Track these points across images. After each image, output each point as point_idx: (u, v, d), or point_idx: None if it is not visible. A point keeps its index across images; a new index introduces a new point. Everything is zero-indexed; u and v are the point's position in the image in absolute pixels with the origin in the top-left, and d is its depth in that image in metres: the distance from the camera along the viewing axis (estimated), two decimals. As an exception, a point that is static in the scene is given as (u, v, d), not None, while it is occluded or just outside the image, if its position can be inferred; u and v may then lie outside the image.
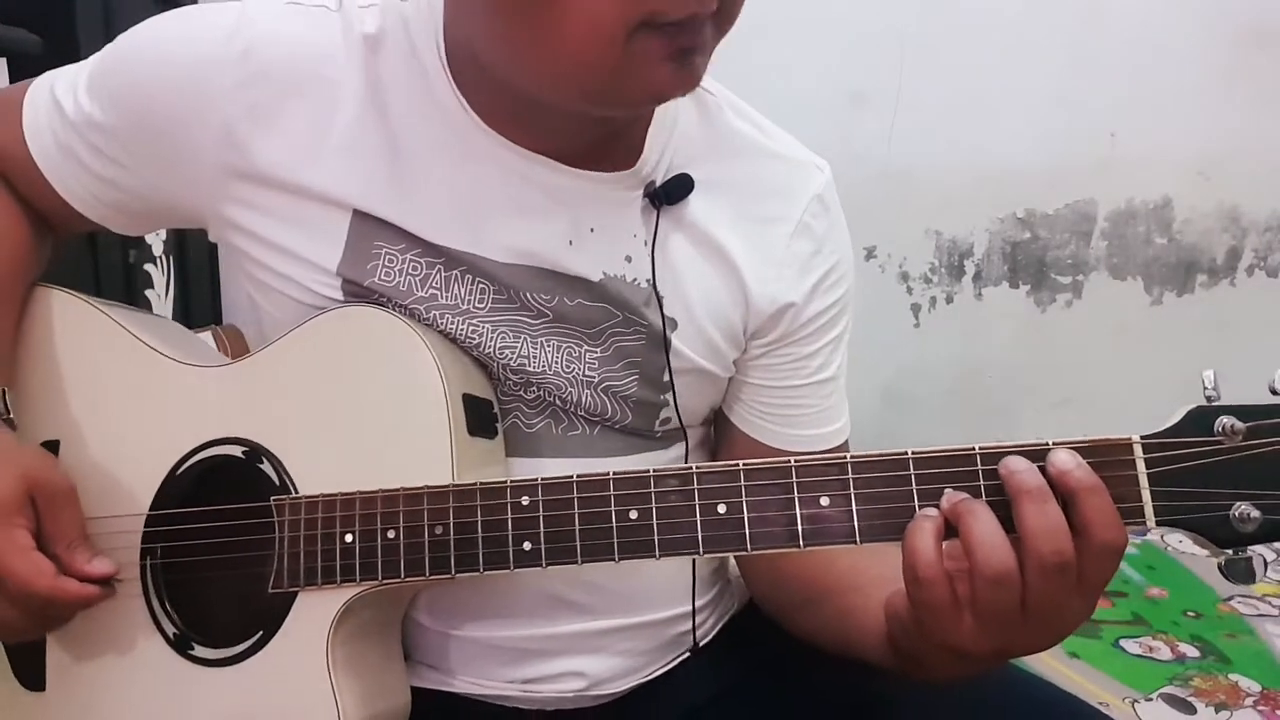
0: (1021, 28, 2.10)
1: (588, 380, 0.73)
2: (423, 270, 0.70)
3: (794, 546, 0.58)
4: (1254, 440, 0.53)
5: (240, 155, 0.69)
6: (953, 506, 0.55)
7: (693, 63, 0.60)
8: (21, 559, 0.65)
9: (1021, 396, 2.24)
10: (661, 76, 0.60)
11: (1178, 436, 0.55)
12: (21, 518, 0.66)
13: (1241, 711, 1.52)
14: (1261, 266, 2.23)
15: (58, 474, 0.69)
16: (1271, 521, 0.53)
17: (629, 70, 0.59)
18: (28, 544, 0.66)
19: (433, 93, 0.69)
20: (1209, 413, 0.54)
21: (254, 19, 0.70)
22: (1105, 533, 0.53)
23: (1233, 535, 0.54)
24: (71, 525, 0.68)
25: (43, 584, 0.65)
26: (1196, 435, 0.54)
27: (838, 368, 0.80)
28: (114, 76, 0.72)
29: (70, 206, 0.75)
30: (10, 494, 0.66)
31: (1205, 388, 0.55)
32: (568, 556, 0.61)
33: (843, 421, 0.81)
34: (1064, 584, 0.54)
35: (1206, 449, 0.54)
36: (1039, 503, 0.53)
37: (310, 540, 0.66)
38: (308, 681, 0.65)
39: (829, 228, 0.77)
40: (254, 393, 0.71)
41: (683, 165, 0.73)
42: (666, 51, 0.59)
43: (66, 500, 0.68)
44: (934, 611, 0.55)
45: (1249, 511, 0.53)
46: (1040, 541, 0.53)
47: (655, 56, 0.59)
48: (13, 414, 0.72)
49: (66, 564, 0.67)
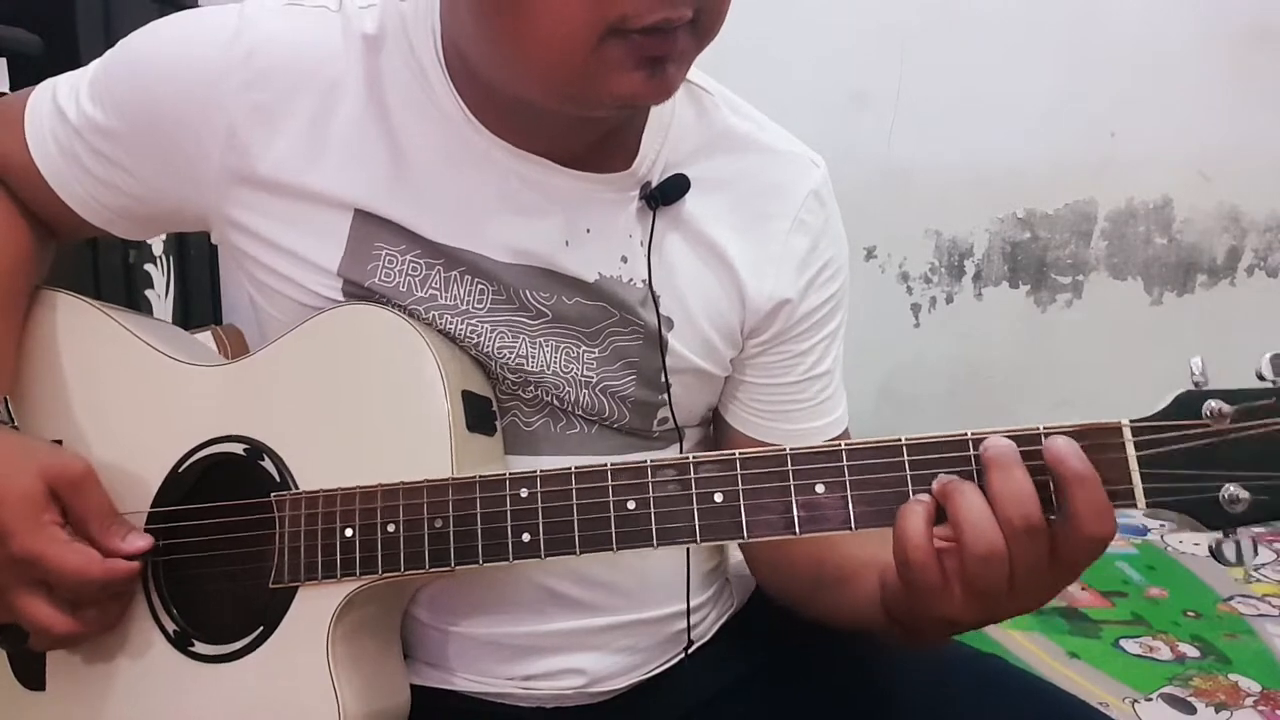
0: (1021, 27, 2.11)
1: (586, 380, 0.73)
2: (422, 271, 0.71)
3: (790, 534, 0.59)
4: (1241, 423, 0.54)
5: (243, 157, 0.69)
6: (942, 487, 0.56)
7: (665, 72, 0.60)
8: (68, 552, 0.66)
9: (1021, 396, 2.24)
10: (631, 83, 0.60)
11: (1167, 420, 0.55)
12: (50, 513, 0.66)
13: (1241, 711, 1.52)
14: (1261, 266, 2.23)
15: (70, 458, 0.69)
16: (1260, 502, 0.54)
17: (598, 75, 0.59)
18: (66, 537, 0.66)
19: (431, 93, 0.69)
20: (1197, 397, 0.55)
21: (255, 20, 0.70)
22: (1092, 525, 0.54)
23: (1223, 516, 0.55)
24: (99, 505, 0.69)
25: (96, 571, 0.66)
26: (1185, 419, 0.55)
27: (833, 361, 0.80)
28: (117, 81, 0.72)
29: (74, 212, 0.75)
30: (33, 491, 0.66)
31: (1193, 373, 0.56)
32: (566, 547, 0.62)
33: (839, 414, 0.81)
34: (1037, 550, 0.54)
35: (1195, 432, 0.55)
36: (1004, 469, 0.55)
37: (310, 535, 0.66)
38: (308, 677, 0.65)
39: (825, 223, 0.78)
40: (255, 391, 0.71)
41: (679, 164, 0.73)
42: (635, 59, 0.59)
43: (86, 482, 0.68)
44: (926, 590, 0.56)
45: (1238, 493, 0.54)
46: (1007, 507, 0.54)
47: (624, 63, 0.59)
48: (17, 421, 0.73)
49: (103, 545, 0.68)
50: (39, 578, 0.66)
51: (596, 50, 0.58)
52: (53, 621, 0.66)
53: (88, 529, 0.68)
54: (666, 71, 0.60)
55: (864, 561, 0.69)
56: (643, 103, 0.62)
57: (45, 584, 0.66)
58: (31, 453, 0.69)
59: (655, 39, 0.58)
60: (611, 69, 0.59)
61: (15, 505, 0.65)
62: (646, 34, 0.57)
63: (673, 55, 0.60)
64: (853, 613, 0.70)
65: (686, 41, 0.60)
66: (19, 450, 0.69)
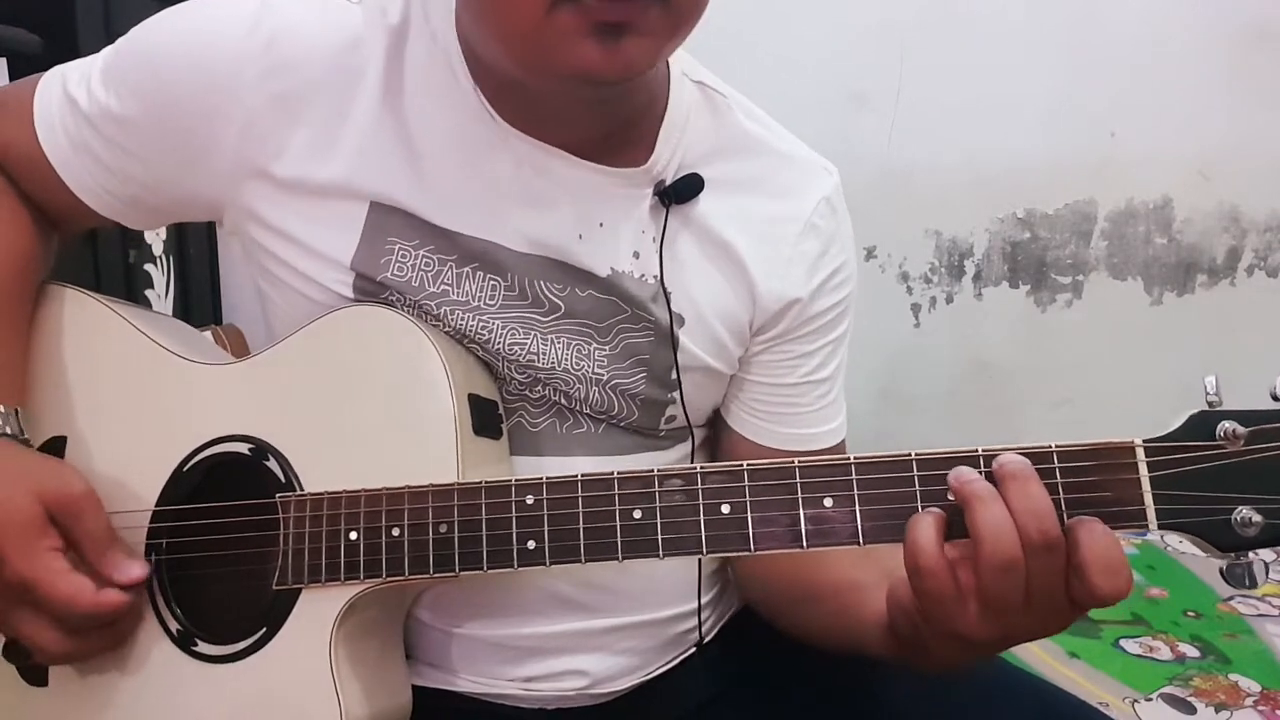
0: (1021, 27, 2.10)
1: (596, 378, 0.73)
2: (435, 266, 0.71)
3: (797, 547, 0.59)
4: (1256, 445, 0.54)
5: (261, 147, 0.69)
6: (961, 488, 0.55)
7: (620, 44, 0.60)
8: (60, 580, 0.64)
9: (1021, 396, 2.24)
10: (585, 53, 0.59)
11: (1180, 440, 0.55)
12: (47, 539, 0.65)
13: (1241, 711, 1.52)
14: (1261, 266, 2.23)
15: (72, 480, 0.67)
16: (1273, 525, 0.53)
17: (554, 43, 0.59)
18: (62, 566, 0.65)
19: (454, 80, 0.69)
20: (1211, 417, 0.55)
21: (276, 8, 0.69)
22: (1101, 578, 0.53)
23: (1235, 539, 0.54)
24: (97, 531, 0.67)
25: (85, 601, 0.64)
26: (1198, 440, 0.55)
27: (835, 368, 0.80)
28: (133, 68, 0.71)
29: (82, 203, 0.74)
30: (30, 516, 0.65)
31: (1207, 393, 0.55)
32: (571, 555, 0.62)
33: (838, 422, 0.81)
34: (1053, 566, 0.54)
35: (1208, 453, 0.54)
36: (1021, 483, 0.54)
37: (315, 537, 0.66)
38: (310, 678, 0.65)
39: (836, 230, 0.78)
40: (261, 391, 0.71)
41: (693, 164, 0.74)
42: (585, 26, 0.59)
43: (86, 507, 0.67)
44: (938, 601, 0.56)
45: (1251, 516, 0.54)
46: (1025, 520, 0.53)
47: (576, 30, 0.59)
48: (27, 434, 0.71)
49: (99, 572, 0.66)
50: (35, 602, 0.65)
51: (550, 16, 0.58)
52: (50, 643, 0.66)
53: (85, 553, 0.66)
54: (622, 43, 0.60)
55: (861, 582, 0.69)
56: (600, 76, 0.61)
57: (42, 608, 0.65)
58: (31, 473, 0.67)
59: (605, 3, 0.58)
60: (565, 37, 0.59)
61: (12, 529, 0.64)
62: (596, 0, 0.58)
63: (630, 26, 0.59)
64: (846, 631, 0.70)
65: (655, 18, 0.60)
66: (19, 470, 0.67)
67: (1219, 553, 0.55)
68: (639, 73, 0.62)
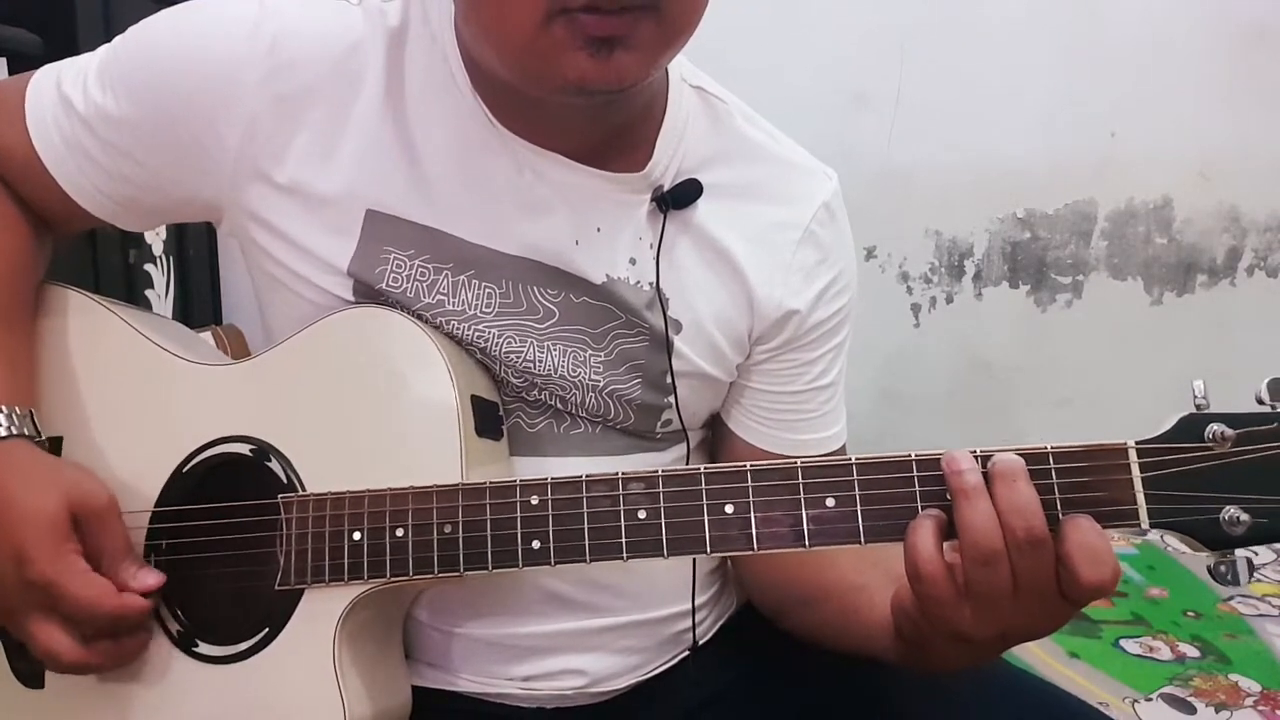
0: (1021, 28, 2.10)
1: (592, 384, 0.73)
2: (430, 275, 0.71)
3: (800, 546, 0.59)
4: (1243, 447, 0.55)
5: (263, 150, 0.69)
6: (952, 478, 0.56)
7: (612, 55, 0.60)
8: (84, 583, 0.64)
9: (1021, 396, 2.24)
10: (578, 65, 0.60)
11: (1171, 442, 0.56)
12: (71, 542, 0.65)
13: (1241, 711, 1.52)
14: (1261, 266, 2.23)
15: (97, 488, 0.67)
16: (1260, 524, 0.55)
17: (549, 55, 0.60)
18: (84, 568, 0.65)
19: (453, 84, 0.69)
20: (1199, 420, 0.56)
21: (277, 10, 0.69)
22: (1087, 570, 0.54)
23: (1223, 537, 0.56)
24: (116, 539, 0.67)
25: (109, 604, 0.65)
26: (1188, 441, 0.56)
27: (837, 374, 0.80)
28: (132, 69, 0.70)
29: (77, 205, 0.73)
30: (57, 519, 0.65)
31: (1195, 396, 0.57)
32: (576, 555, 0.62)
33: (839, 427, 0.81)
34: (1040, 561, 0.55)
35: (1198, 454, 0.56)
36: (1009, 481, 0.55)
37: (318, 538, 0.66)
38: (313, 679, 0.65)
39: (835, 236, 0.78)
40: (263, 391, 0.71)
41: (692, 170, 0.74)
42: (578, 39, 0.59)
43: (108, 513, 0.67)
44: (937, 603, 0.57)
45: (1238, 515, 0.55)
46: (1009, 516, 0.55)
47: (570, 43, 0.59)
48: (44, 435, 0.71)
49: (116, 580, 0.66)
50: (53, 605, 0.64)
51: (545, 29, 0.59)
52: (63, 649, 0.65)
53: (102, 561, 0.66)
54: (614, 55, 0.60)
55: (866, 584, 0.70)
56: (593, 87, 0.61)
57: (60, 611, 0.65)
58: (59, 478, 0.67)
59: (595, 18, 0.58)
60: (559, 49, 0.60)
61: (39, 530, 0.64)
62: (587, 12, 0.58)
63: (621, 39, 0.60)
64: (850, 633, 0.71)
65: (647, 31, 0.60)
66: (48, 475, 0.67)
67: (1207, 551, 0.57)
68: (631, 84, 0.62)
